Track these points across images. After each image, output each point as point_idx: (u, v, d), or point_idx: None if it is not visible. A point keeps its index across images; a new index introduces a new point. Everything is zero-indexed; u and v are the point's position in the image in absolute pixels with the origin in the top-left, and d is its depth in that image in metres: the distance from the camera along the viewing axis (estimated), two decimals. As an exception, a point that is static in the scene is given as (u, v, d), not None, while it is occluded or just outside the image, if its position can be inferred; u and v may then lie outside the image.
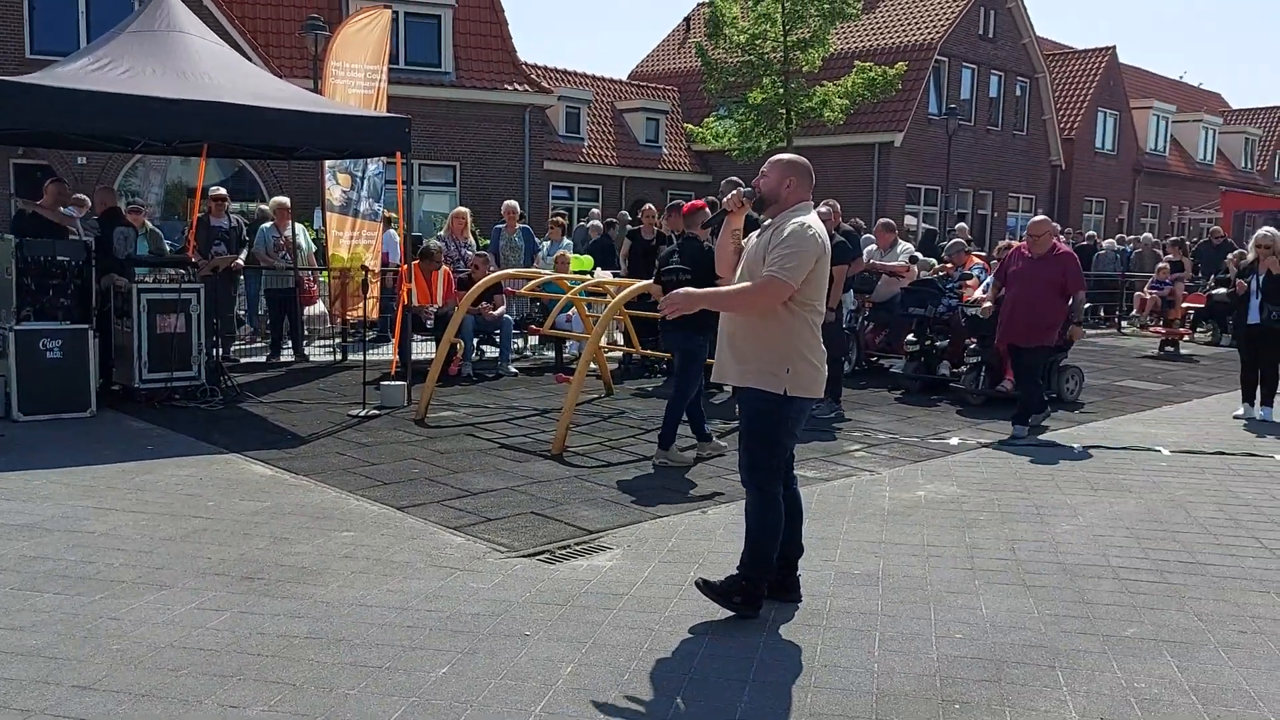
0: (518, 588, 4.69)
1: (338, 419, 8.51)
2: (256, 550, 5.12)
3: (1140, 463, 7.71)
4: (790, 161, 4.48)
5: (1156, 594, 4.83)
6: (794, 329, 4.29)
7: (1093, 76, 36.36)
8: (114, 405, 8.70)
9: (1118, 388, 11.62)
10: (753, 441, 4.42)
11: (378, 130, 9.43)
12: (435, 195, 24.38)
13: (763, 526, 4.44)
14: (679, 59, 35.47)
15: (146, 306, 8.70)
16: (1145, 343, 16.61)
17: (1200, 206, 35.45)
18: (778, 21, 23.51)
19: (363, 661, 3.88)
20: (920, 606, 4.59)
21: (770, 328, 4.30)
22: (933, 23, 30.22)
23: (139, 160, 20.42)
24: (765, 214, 4.49)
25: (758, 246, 4.38)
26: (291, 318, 11.87)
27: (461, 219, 13.04)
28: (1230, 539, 5.76)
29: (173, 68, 8.62)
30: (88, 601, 4.40)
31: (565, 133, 29.57)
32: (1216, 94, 49.92)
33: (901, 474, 7.15)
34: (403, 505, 5.98)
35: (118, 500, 5.94)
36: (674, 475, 6.92)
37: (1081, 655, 4.10)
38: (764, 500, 4.43)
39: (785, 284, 4.20)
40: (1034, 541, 5.61)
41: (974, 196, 32.24)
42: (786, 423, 4.37)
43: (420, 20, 23.68)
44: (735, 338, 4.41)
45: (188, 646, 3.97)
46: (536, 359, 12.73)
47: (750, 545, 4.47)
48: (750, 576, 4.44)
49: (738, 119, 24.71)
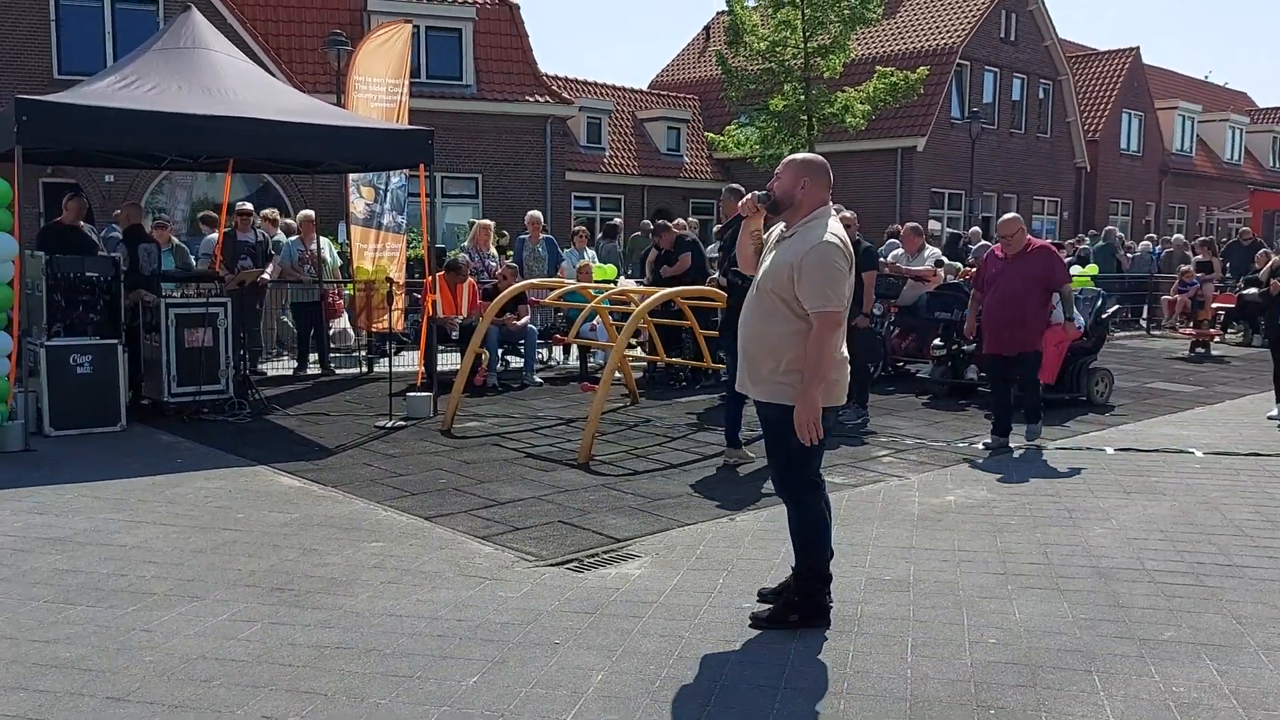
0: (547, 596, 4.68)
1: (364, 430, 8.54)
2: (286, 561, 5.14)
3: (1173, 465, 7.62)
4: (804, 162, 4.36)
5: (1193, 597, 4.76)
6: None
7: (1116, 78, 36.10)
8: (143, 419, 8.78)
9: (1148, 390, 11.49)
10: (781, 456, 4.35)
11: (400, 143, 9.49)
12: (458, 207, 24.49)
13: (805, 533, 4.38)
14: (699, 67, 35.52)
15: (174, 321, 8.77)
16: (1175, 344, 16.43)
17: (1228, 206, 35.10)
18: (798, 28, 23.48)
19: (394, 671, 3.88)
20: (952, 611, 4.54)
21: (789, 341, 4.19)
22: (953, 27, 30.11)
23: (165, 177, 20.63)
24: (782, 218, 4.35)
25: (784, 255, 4.21)
26: (318, 331, 11.94)
27: (485, 230, 13.10)
28: (1267, 540, 5.67)
29: (198, 84, 8.72)
30: (120, 614, 4.42)
31: (587, 143, 29.65)
32: (1243, 93, 49.49)
33: (930, 479, 7.09)
34: (430, 515, 5.98)
35: (148, 513, 5.98)
36: (701, 482, 6.89)
37: (1118, 659, 4.04)
38: (802, 512, 4.37)
39: (836, 312, 4.10)
40: (1067, 545, 5.55)
41: (998, 200, 32.05)
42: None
43: (441, 34, 23.84)
44: (754, 352, 4.31)
45: (219, 658, 3.98)
46: (562, 369, 12.74)
47: (799, 554, 4.42)
48: (803, 590, 4.38)
49: (759, 126, 24.68)
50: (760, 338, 4.29)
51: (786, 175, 4.33)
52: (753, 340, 4.32)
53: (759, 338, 4.29)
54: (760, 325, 4.28)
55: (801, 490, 4.36)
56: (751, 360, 4.33)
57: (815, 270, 4.09)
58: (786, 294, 4.17)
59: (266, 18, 22.57)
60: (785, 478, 4.38)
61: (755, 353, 4.31)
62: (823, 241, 4.13)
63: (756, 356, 4.31)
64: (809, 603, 4.37)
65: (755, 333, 4.30)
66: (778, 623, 4.33)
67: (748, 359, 4.36)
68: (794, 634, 4.28)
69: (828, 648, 4.15)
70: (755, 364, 4.31)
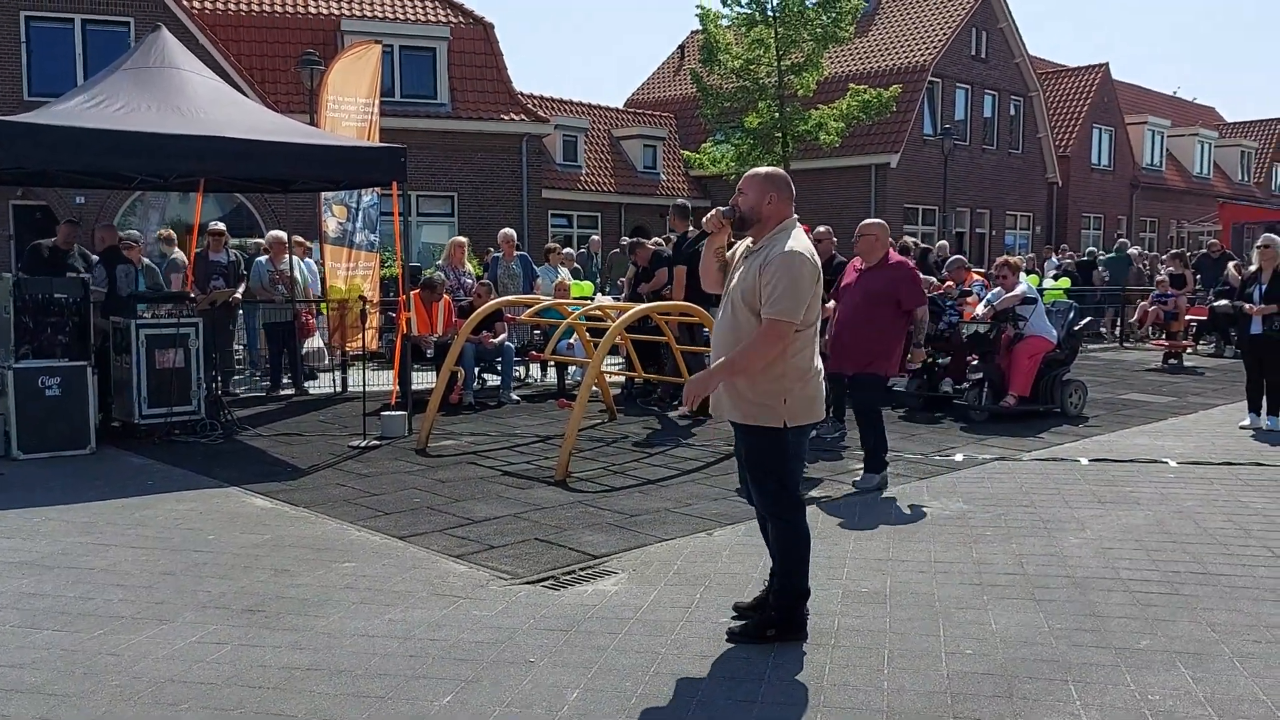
0: (522, 615, 4.64)
1: (338, 450, 8.47)
2: (257, 583, 5.07)
3: (1147, 475, 7.65)
4: (768, 175, 4.34)
5: (1168, 606, 4.77)
6: (786, 358, 4.18)
7: (1086, 94, 36.53)
8: (114, 441, 8.67)
9: (1122, 401, 11.57)
10: (762, 476, 4.32)
11: (374, 161, 9.44)
12: (434, 226, 24.45)
13: (787, 550, 4.36)
14: (674, 86, 35.69)
15: (145, 342, 8.68)
16: (1148, 356, 16.56)
17: (1198, 219, 35.55)
18: (771, 46, 23.66)
19: (365, 692, 3.82)
20: (929, 623, 4.53)
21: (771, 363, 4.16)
22: (925, 44, 30.41)
23: (138, 198, 20.50)
24: (749, 233, 4.33)
25: (746, 274, 4.21)
26: (290, 350, 11.86)
27: (460, 248, 13.08)
28: (1241, 549, 5.70)
29: (169, 104, 8.65)
30: (87, 638, 4.34)
31: (563, 161, 29.70)
32: (1211, 108, 50.19)
33: (907, 491, 7.09)
34: (404, 535, 5.93)
35: (117, 536, 5.90)
36: (678, 498, 6.86)
37: (1094, 669, 4.04)
38: (787, 529, 4.35)
39: (787, 323, 4.08)
40: (1042, 555, 5.55)
41: (971, 215, 32.33)
42: (791, 451, 4.28)
43: (415, 53, 23.84)
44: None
45: (188, 681, 3.91)
46: (538, 386, 12.70)
47: (780, 571, 4.40)
48: (781, 604, 4.37)
49: (735, 144, 24.82)
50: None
51: (751, 190, 4.30)
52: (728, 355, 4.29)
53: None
54: (734, 339, 4.24)
55: (790, 509, 4.34)
56: (730, 382, 4.26)
57: (778, 276, 4.09)
58: (754, 307, 4.16)
59: (239, 38, 22.51)
60: (775, 497, 4.33)
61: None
62: (790, 250, 4.13)
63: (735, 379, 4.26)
64: (787, 617, 4.35)
65: (729, 348, 4.25)
66: (755, 638, 4.31)
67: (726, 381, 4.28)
68: (771, 648, 4.25)
69: (805, 661, 4.13)
70: (738, 385, 4.24)
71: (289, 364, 11.87)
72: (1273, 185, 45.77)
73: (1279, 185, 46.40)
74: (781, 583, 4.39)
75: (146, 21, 18.74)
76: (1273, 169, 46.03)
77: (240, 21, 22.82)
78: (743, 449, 4.42)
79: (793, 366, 4.20)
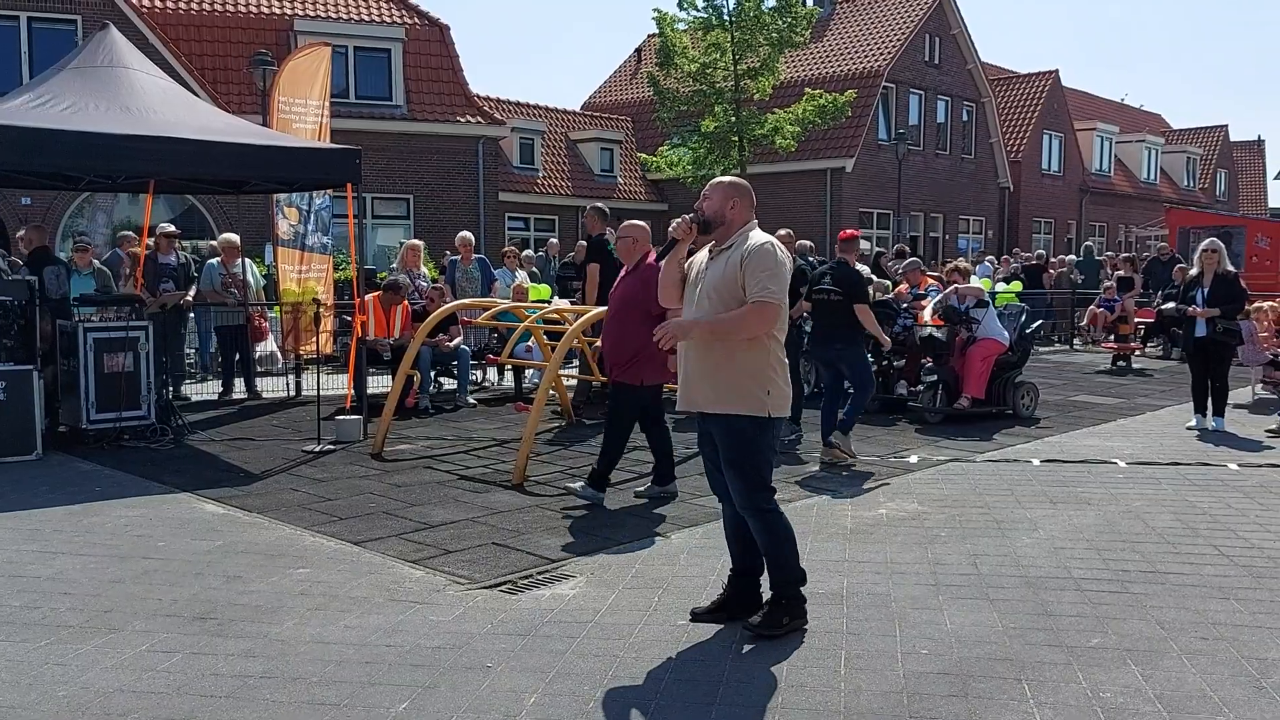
0: (479, 619, 4.61)
1: (292, 455, 8.37)
2: (209, 590, 4.99)
3: (1097, 475, 7.77)
4: (732, 183, 4.51)
5: (1118, 604, 4.84)
6: (770, 350, 4.35)
7: (1037, 100, 37.07)
8: (61, 447, 8.50)
9: (1072, 402, 11.74)
10: (743, 468, 4.40)
11: (327, 162, 9.34)
12: (389, 229, 24.23)
13: (777, 542, 4.46)
14: (631, 89, 35.70)
15: (93, 345, 8.52)
16: (1098, 358, 16.83)
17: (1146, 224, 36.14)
18: (727, 50, 23.75)
19: (320, 699, 3.77)
20: (885, 624, 4.57)
21: (748, 351, 4.31)
22: (879, 50, 30.70)
23: (85, 199, 20.12)
24: (713, 236, 4.47)
25: (720, 269, 4.35)
26: (242, 354, 11.70)
27: (415, 251, 12.99)
28: (1189, 548, 5.80)
29: (117, 103, 8.51)
30: (32, 648, 4.25)
31: (519, 164, 29.58)
32: (1157, 115, 51.14)
33: (863, 493, 7.15)
34: (360, 540, 5.87)
35: (64, 543, 5.78)
36: (636, 502, 6.85)
37: (1047, 667, 4.09)
38: (768, 518, 4.45)
39: (776, 305, 4.25)
40: (995, 556, 5.62)
41: (925, 219, 32.66)
42: (770, 441, 4.42)
43: (370, 54, 23.62)
44: (711, 363, 4.36)
45: (137, 690, 3.84)
46: (496, 389, 12.64)
47: (770, 565, 4.49)
48: (786, 594, 4.47)
49: (691, 147, 24.88)
50: (721, 349, 4.34)
51: (716, 196, 4.46)
52: (716, 352, 4.36)
53: (719, 349, 4.34)
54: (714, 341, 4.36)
55: (768, 500, 4.45)
56: (716, 371, 4.37)
57: (759, 264, 4.25)
58: (736, 298, 4.28)
59: (190, 37, 22.17)
60: (753, 491, 4.41)
61: (721, 362, 4.35)
62: (766, 242, 4.33)
63: (723, 366, 4.35)
64: (796, 605, 4.48)
65: (710, 347, 4.36)
66: (773, 630, 4.39)
67: (704, 370, 4.39)
68: (729, 650, 4.26)
69: (763, 662, 4.14)
70: (721, 375, 4.36)
71: (241, 368, 11.71)
72: (1217, 191, 46.76)
73: (1223, 191, 47.42)
74: (781, 572, 4.48)
75: (94, 19, 18.42)
76: (1217, 175, 47.02)
77: (191, 21, 22.48)
78: (720, 443, 4.45)
79: (776, 358, 4.37)
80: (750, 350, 4.31)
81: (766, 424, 4.36)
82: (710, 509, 6.51)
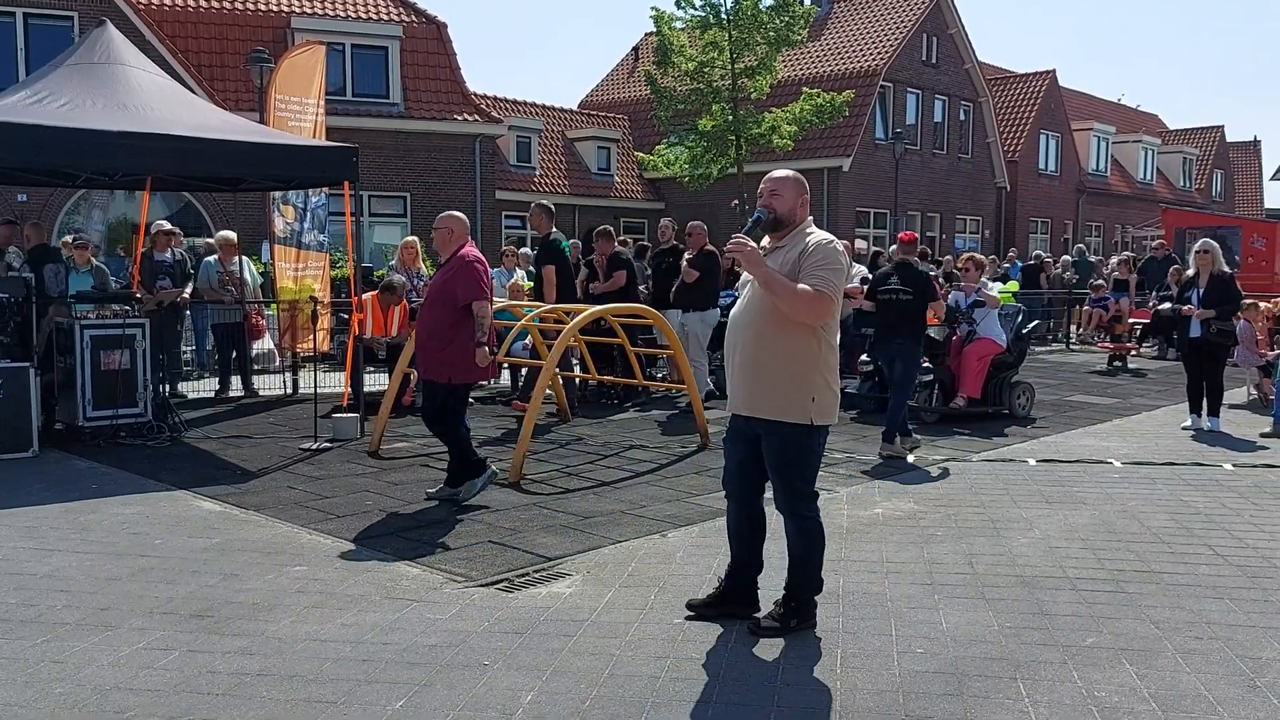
0: (476, 617, 4.61)
1: (289, 453, 8.37)
2: (206, 588, 5.00)
3: (1093, 475, 7.79)
4: (798, 180, 4.42)
5: (1114, 604, 4.86)
6: (820, 354, 4.26)
7: (1034, 100, 37.12)
8: (57, 444, 8.49)
9: (1068, 402, 11.76)
10: (789, 475, 4.36)
11: (324, 160, 9.34)
12: (386, 227, 24.23)
13: (811, 549, 4.45)
14: (629, 87, 35.71)
15: (90, 343, 8.51)
16: (1094, 358, 16.85)
17: (1142, 224, 36.24)
18: (725, 49, 23.76)
19: (316, 697, 3.78)
20: (881, 622, 4.58)
21: (798, 353, 4.23)
22: (877, 49, 30.72)
23: (82, 196, 20.09)
24: (779, 234, 4.37)
25: (784, 259, 4.26)
26: (239, 351, 11.70)
27: (412, 248, 12.97)
28: (1184, 547, 5.82)
29: (114, 100, 8.50)
30: (29, 645, 4.25)
31: (516, 162, 29.59)
32: (1154, 115, 51.20)
33: (859, 491, 7.16)
34: (356, 538, 5.87)
35: (60, 541, 5.78)
36: (633, 500, 6.86)
37: (1042, 666, 4.10)
38: (808, 524, 4.43)
39: (829, 298, 4.15)
40: (991, 555, 5.63)
41: (922, 219, 32.69)
42: (816, 448, 4.38)
43: (367, 51, 23.61)
44: (764, 365, 4.28)
45: (134, 688, 3.84)
46: (492, 388, 12.63)
47: (796, 568, 4.47)
48: (801, 599, 4.48)
49: (688, 146, 24.89)
50: (771, 349, 4.26)
51: (788, 193, 4.37)
52: (763, 352, 4.28)
53: (764, 346, 4.27)
54: (766, 333, 4.26)
55: (810, 505, 4.43)
56: (760, 374, 4.29)
57: (822, 257, 4.19)
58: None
59: (188, 34, 22.16)
60: (797, 498, 4.39)
61: (766, 365, 4.27)
62: (831, 240, 4.28)
63: (767, 369, 4.27)
64: (806, 609, 4.50)
65: (766, 345, 4.27)
66: (781, 630, 4.40)
67: (756, 373, 4.30)
68: (725, 649, 4.27)
69: (758, 660, 4.15)
70: (765, 378, 4.28)
71: (238, 366, 11.70)
72: (1213, 191, 46.83)
73: (1219, 192, 47.49)
74: (804, 577, 4.47)
75: (91, 16, 18.40)
76: (1213, 176, 47.09)
77: (188, 17, 22.46)
78: (766, 448, 4.38)
79: (825, 363, 4.29)
80: (802, 353, 4.22)
81: (812, 430, 4.30)
82: (707, 508, 6.53)
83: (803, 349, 4.24)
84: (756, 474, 4.50)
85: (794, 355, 4.24)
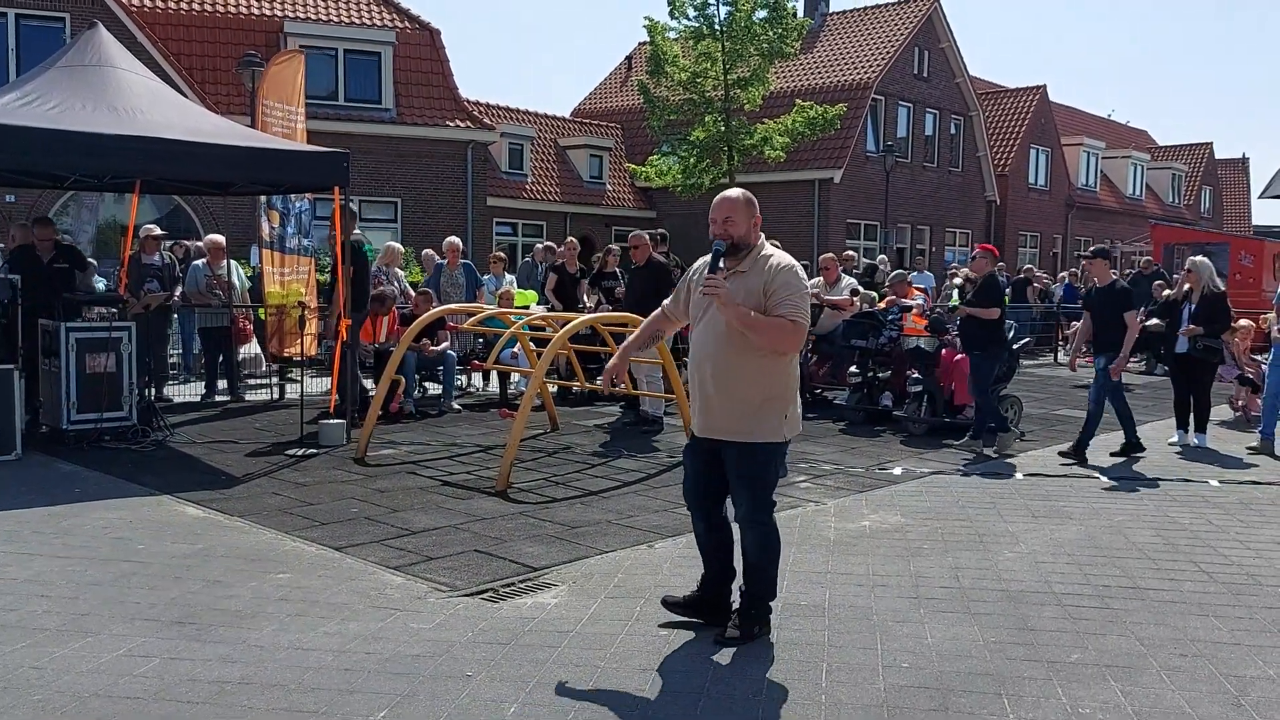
0: (460, 628, 4.59)
1: (274, 458, 8.32)
2: (188, 594, 4.96)
3: (1079, 490, 7.80)
4: (749, 200, 4.44)
5: (1099, 619, 4.86)
6: (789, 372, 4.42)
7: (1024, 114, 37.28)
8: (41, 448, 8.43)
9: (1056, 416, 11.79)
10: (756, 489, 4.44)
11: (316, 165, 9.31)
12: (377, 232, 24.14)
13: (769, 556, 4.53)
14: (622, 96, 35.75)
15: (75, 345, 8.46)
16: (1082, 373, 16.86)
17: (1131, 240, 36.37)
18: (718, 60, 23.82)
19: (298, 706, 3.75)
20: (866, 636, 4.57)
21: (772, 375, 4.32)
22: (869, 62, 30.83)
23: (71, 198, 20.00)
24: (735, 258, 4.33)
25: (749, 286, 4.27)
26: (226, 356, 11.64)
27: (392, 252, 13.07)
28: (1169, 564, 5.83)
29: (105, 102, 8.46)
30: (8, 651, 4.21)
31: (508, 169, 29.59)
32: (1143, 131, 51.50)
33: (846, 504, 7.15)
34: (341, 546, 5.84)
35: (42, 545, 5.73)
36: (620, 510, 6.84)
37: (1026, 682, 4.10)
38: (768, 532, 4.51)
39: (805, 325, 4.31)
40: (977, 569, 5.63)
41: (912, 231, 32.79)
42: (780, 460, 4.53)
43: (360, 57, 23.59)
44: (730, 388, 4.31)
45: (114, 695, 3.81)
46: (481, 395, 12.61)
47: (755, 575, 4.53)
48: (757, 606, 4.55)
49: (680, 156, 24.92)
50: (738, 371, 4.30)
51: (740, 217, 4.36)
52: (728, 376, 4.31)
53: (735, 372, 4.30)
54: (735, 359, 4.30)
55: (769, 514, 4.53)
56: (733, 403, 4.33)
57: (793, 284, 4.27)
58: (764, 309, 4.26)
59: (179, 37, 22.10)
60: (759, 508, 4.47)
61: (732, 388, 4.32)
62: (792, 265, 4.33)
63: (734, 392, 4.32)
64: (764, 614, 4.57)
65: (730, 367, 4.31)
66: (746, 638, 4.45)
67: (723, 396, 4.34)
68: (710, 662, 4.26)
69: (744, 674, 4.13)
70: (738, 406, 4.33)
71: (225, 370, 11.65)
72: (1202, 208, 47.09)
73: (1207, 208, 47.76)
74: (761, 585, 4.54)
75: (82, 17, 18.33)
76: (1202, 192, 47.36)
77: (180, 20, 22.41)
78: (734, 462, 4.43)
79: (793, 381, 4.45)
80: (776, 373, 4.32)
81: (781, 445, 4.46)
82: (694, 519, 6.51)
83: (773, 370, 4.33)
84: (718, 484, 4.56)
85: (765, 379, 4.32)
